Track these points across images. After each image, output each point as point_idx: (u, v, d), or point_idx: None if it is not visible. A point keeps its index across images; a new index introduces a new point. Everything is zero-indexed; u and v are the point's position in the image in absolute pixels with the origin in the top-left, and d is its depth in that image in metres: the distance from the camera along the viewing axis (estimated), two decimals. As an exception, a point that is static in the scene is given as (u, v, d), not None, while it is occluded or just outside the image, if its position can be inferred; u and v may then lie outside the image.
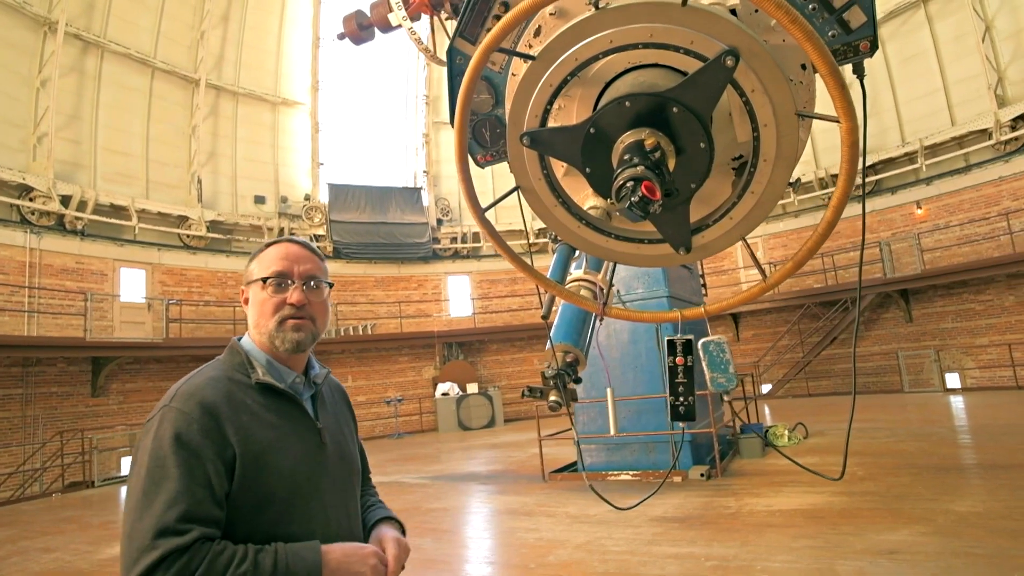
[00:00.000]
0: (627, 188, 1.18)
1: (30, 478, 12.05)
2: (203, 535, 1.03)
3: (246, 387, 1.21)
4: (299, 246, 1.33)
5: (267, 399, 1.22)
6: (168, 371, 15.34)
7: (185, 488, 1.05)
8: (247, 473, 1.12)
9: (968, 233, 15.45)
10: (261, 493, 1.14)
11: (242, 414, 1.16)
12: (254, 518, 1.13)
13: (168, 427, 1.10)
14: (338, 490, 1.29)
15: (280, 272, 1.27)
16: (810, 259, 1.51)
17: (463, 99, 1.39)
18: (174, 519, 1.02)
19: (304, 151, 19.88)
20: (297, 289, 1.27)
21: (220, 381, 1.19)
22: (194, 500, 1.05)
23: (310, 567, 1.09)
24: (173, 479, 1.05)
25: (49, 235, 13.66)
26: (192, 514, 1.04)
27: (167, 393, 1.18)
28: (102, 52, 15.21)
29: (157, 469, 1.06)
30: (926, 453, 7.76)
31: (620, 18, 1.25)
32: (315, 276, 1.31)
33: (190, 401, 1.13)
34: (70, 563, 6.13)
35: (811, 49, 1.10)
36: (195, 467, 1.07)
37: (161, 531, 1.01)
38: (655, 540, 5.13)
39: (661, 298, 8.20)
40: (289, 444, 1.20)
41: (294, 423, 1.24)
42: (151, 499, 1.04)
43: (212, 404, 1.13)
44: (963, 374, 15.49)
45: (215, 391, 1.16)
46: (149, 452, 1.08)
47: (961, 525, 4.70)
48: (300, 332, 1.26)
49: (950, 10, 15.72)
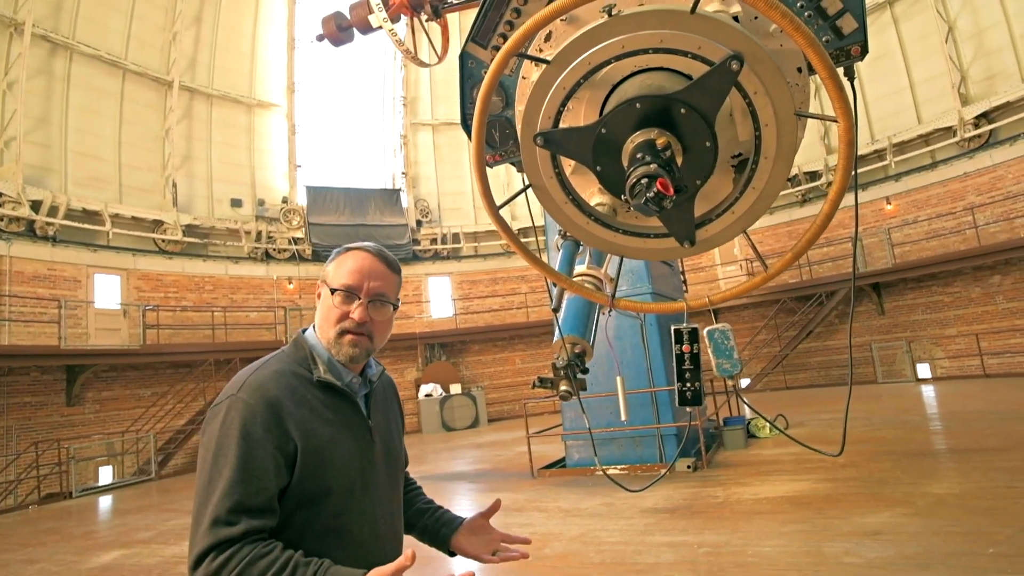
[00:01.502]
0: (642, 185, 1.25)
1: (5, 490, 11.76)
2: (251, 528, 1.07)
3: (308, 383, 1.25)
4: (378, 260, 1.34)
5: (326, 396, 1.26)
6: (146, 378, 15.09)
7: (241, 479, 1.09)
8: (307, 465, 1.17)
9: (936, 227, 15.94)
10: (320, 486, 1.19)
11: (303, 409, 1.21)
12: (312, 509, 1.18)
13: (234, 417, 1.15)
14: (384, 486, 1.34)
15: (349, 287, 1.29)
16: (808, 250, 1.60)
17: (482, 102, 1.44)
18: (226, 510, 1.07)
19: (281, 153, 19.69)
20: (362, 307, 1.29)
21: (284, 375, 1.23)
22: (248, 492, 1.09)
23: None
24: (232, 469, 1.10)
25: (19, 241, 13.33)
26: (244, 505, 1.08)
27: (234, 380, 1.23)
28: (71, 54, 14.89)
29: (220, 458, 1.12)
30: (903, 440, 8.03)
31: (632, 24, 1.33)
32: (383, 295, 1.33)
33: (256, 394, 1.17)
34: (56, 573, 6.03)
35: (812, 54, 1.19)
36: (253, 459, 1.12)
37: (215, 520, 1.06)
38: (648, 530, 5.24)
39: (645, 294, 8.34)
40: (344, 440, 1.25)
41: (348, 420, 1.29)
42: (213, 487, 1.10)
43: (276, 399, 1.18)
44: (933, 364, 15.98)
45: (279, 386, 1.20)
46: (215, 440, 1.14)
47: (939, 506, 4.90)
48: (356, 348, 1.29)
49: (915, 11, 16.21)
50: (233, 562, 1.04)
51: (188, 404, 15.14)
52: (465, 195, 21.73)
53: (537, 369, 20.22)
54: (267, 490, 1.12)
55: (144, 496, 11.30)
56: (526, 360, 20.49)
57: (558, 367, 1.92)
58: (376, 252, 1.36)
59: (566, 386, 1.87)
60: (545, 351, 20.08)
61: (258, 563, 1.05)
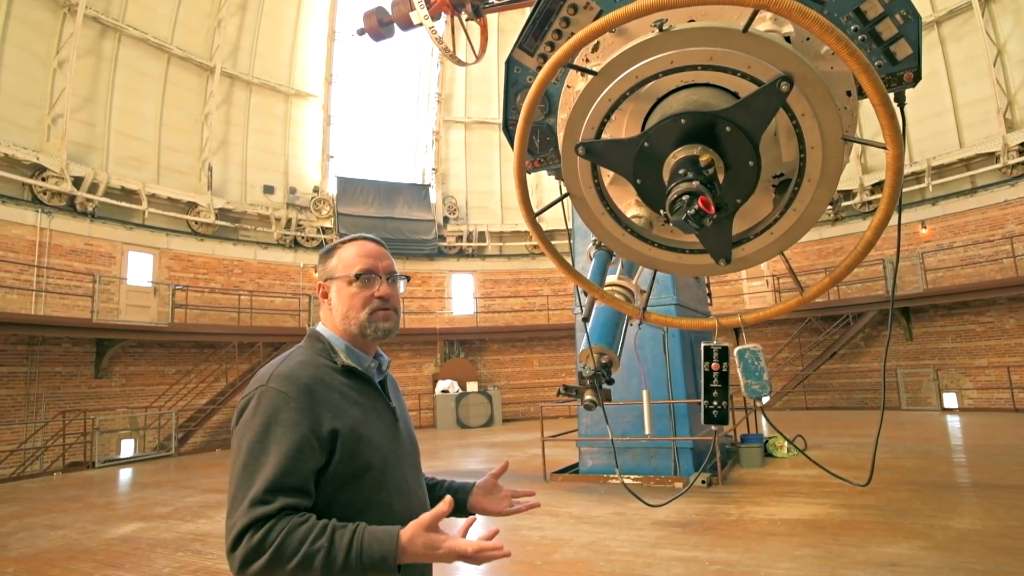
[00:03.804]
0: (683, 201, 1.25)
1: (31, 456, 12.12)
2: (288, 505, 1.12)
3: (332, 370, 1.32)
4: (376, 244, 1.46)
5: (351, 380, 1.34)
6: (171, 356, 15.42)
7: (279, 462, 1.14)
8: (346, 445, 1.23)
9: (972, 255, 15.53)
10: (360, 463, 1.25)
11: (333, 393, 1.27)
12: (355, 485, 1.24)
13: (267, 404, 1.20)
14: (411, 464, 1.42)
15: (368, 269, 1.39)
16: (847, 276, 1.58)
17: (527, 110, 1.45)
18: (262, 490, 1.12)
19: (315, 143, 19.95)
20: (384, 284, 1.40)
21: (310, 365, 1.30)
22: (284, 472, 1.14)
23: (386, 551, 1.11)
24: (270, 453, 1.15)
25: (60, 215, 13.74)
26: (281, 484, 1.13)
27: (260, 374, 1.28)
28: (119, 36, 15.27)
29: (257, 444, 1.17)
30: (924, 470, 7.85)
31: (683, 40, 1.33)
32: (394, 272, 1.45)
33: (287, 382, 1.23)
34: (77, 541, 6.20)
35: (866, 80, 1.18)
36: (290, 442, 1.16)
37: (252, 501, 1.11)
38: (658, 543, 5.21)
39: (669, 305, 8.28)
40: (373, 420, 1.33)
41: (374, 402, 1.37)
42: (251, 472, 1.15)
43: (307, 385, 1.24)
44: (961, 394, 15.57)
45: (308, 374, 1.27)
46: (251, 428, 1.19)
47: (960, 541, 4.78)
48: (388, 322, 1.39)
49: (963, 32, 15.81)
50: (273, 533, 1.09)
51: (210, 384, 15.44)
52: (493, 194, 21.78)
53: (555, 372, 20.20)
54: (302, 471, 1.17)
55: (163, 471, 11.56)
56: (544, 362, 20.47)
57: (584, 376, 1.93)
58: (371, 238, 1.47)
59: (591, 396, 1.87)
60: (564, 355, 20.04)
61: (297, 531, 1.10)
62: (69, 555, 5.70)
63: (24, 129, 13.41)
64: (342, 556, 1.09)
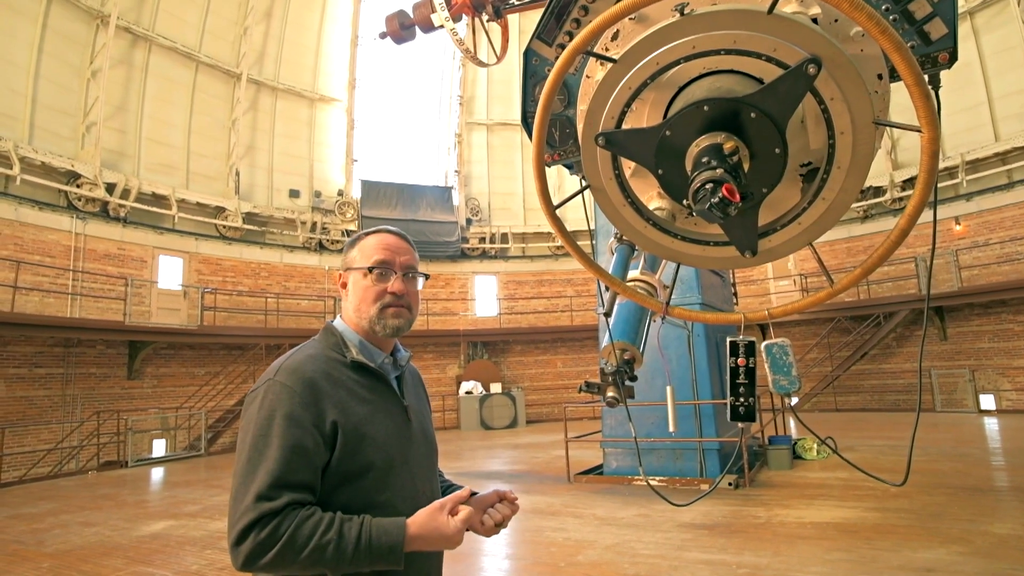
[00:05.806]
0: (706, 190, 1.21)
1: (68, 455, 12.46)
2: (293, 500, 1.11)
3: (342, 365, 1.29)
4: (398, 237, 1.42)
5: (360, 376, 1.31)
6: (201, 357, 15.71)
7: (283, 457, 1.13)
8: (347, 443, 1.20)
9: (1009, 252, 15.03)
10: (361, 462, 1.22)
11: (339, 389, 1.25)
12: (355, 484, 1.21)
13: (272, 398, 1.19)
14: (423, 465, 1.37)
15: (383, 262, 1.35)
16: (879, 266, 1.51)
17: (545, 100, 1.42)
18: (267, 485, 1.11)
19: (339, 147, 20.19)
20: (398, 279, 1.36)
21: (319, 359, 1.28)
22: (289, 468, 1.13)
23: (394, 542, 1.13)
24: (273, 447, 1.14)
25: (94, 221, 14.12)
26: (286, 480, 1.12)
27: (269, 368, 1.27)
28: (150, 45, 15.66)
29: (261, 439, 1.15)
30: (960, 473, 7.60)
31: (705, 24, 1.28)
32: (413, 268, 1.40)
33: (293, 376, 1.21)
34: (109, 538, 6.34)
35: (899, 60, 1.12)
36: (294, 437, 1.15)
37: (258, 496, 1.10)
38: (684, 546, 5.12)
39: (694, 304, 8.17)
40: (380, 418, 1.29)
41: (384, 399, 1.33)
42: (255, 466, 1.13)
43: (313, 380, 1.22)
44: (999, 395, 15.07)
45: (315, 368, 1.25)
46: (255, 422, 1.18)
47: (1000, 547, 4.61)
48: (399, 319, 1.35)
49: (998, 23, 15.33)
50: (282, 528, 1.08)
51: (238, 386, 15.69)
52: (515, 196, 21.79)
53: (578, 374, 20.08)
54: (307, 466, 1.15)
55: (193, 471, 11.77)
56: (567, 364, 20.37)
57: (606, 372, 1.89)
58: (394, 231, 1.43)
59: (613, 392, 1.84)
60: (587, 356, 19.92)
61: (305, 524, 1.09)
62: (102, 551, 5.82)
63: (60, 137, 13.81)
64: (351, 548, 1.10)
